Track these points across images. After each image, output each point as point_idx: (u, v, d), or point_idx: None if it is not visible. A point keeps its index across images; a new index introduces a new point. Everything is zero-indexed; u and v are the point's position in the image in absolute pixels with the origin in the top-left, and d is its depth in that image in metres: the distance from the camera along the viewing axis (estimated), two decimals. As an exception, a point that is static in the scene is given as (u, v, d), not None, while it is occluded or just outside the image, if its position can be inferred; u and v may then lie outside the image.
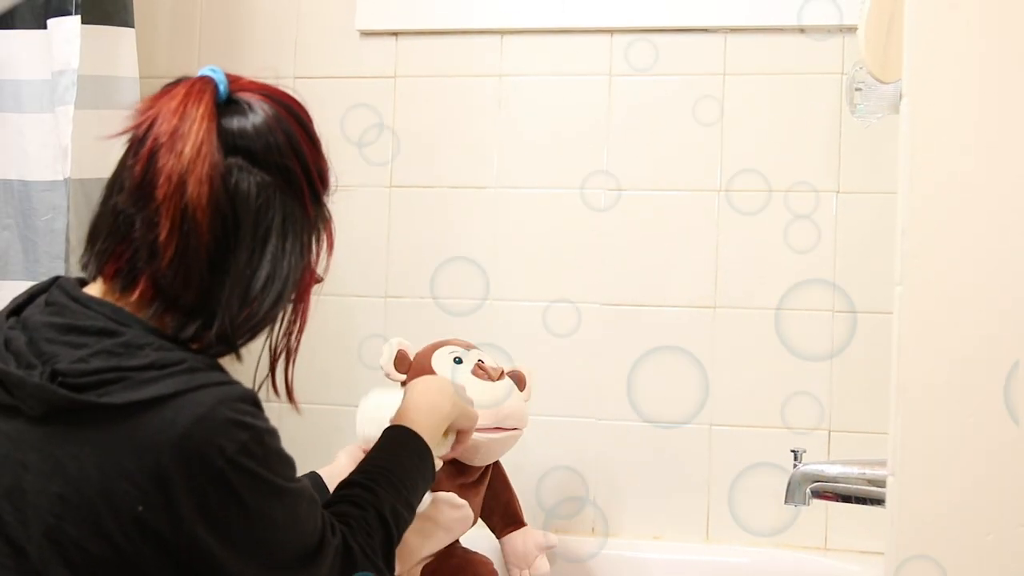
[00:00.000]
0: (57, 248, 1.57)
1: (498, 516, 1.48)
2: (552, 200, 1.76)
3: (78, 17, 1.55)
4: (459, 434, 1.21)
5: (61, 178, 1.56)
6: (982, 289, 0.93)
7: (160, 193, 0.84)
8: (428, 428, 1.12)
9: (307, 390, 1.76)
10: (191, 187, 0.84)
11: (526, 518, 1.53)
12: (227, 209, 0.86)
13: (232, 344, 0.89)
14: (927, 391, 0.92)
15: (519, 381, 1.45)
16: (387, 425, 1.23)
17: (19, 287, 0.95)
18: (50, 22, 1.57)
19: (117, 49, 1.60)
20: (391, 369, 1.41)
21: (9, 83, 1.61)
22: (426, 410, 1.14)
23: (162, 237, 0.84)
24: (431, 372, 1.39)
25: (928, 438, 0.92)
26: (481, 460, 1.39)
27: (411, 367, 1.42)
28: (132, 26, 1.62)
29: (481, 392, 1.35)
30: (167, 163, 0.84)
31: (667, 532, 1.72)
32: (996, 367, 0.92)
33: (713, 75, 1.72)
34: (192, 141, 0.84)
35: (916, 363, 0.93)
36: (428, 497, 1.28)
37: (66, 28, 1.55)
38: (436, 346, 1.44)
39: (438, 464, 1.14)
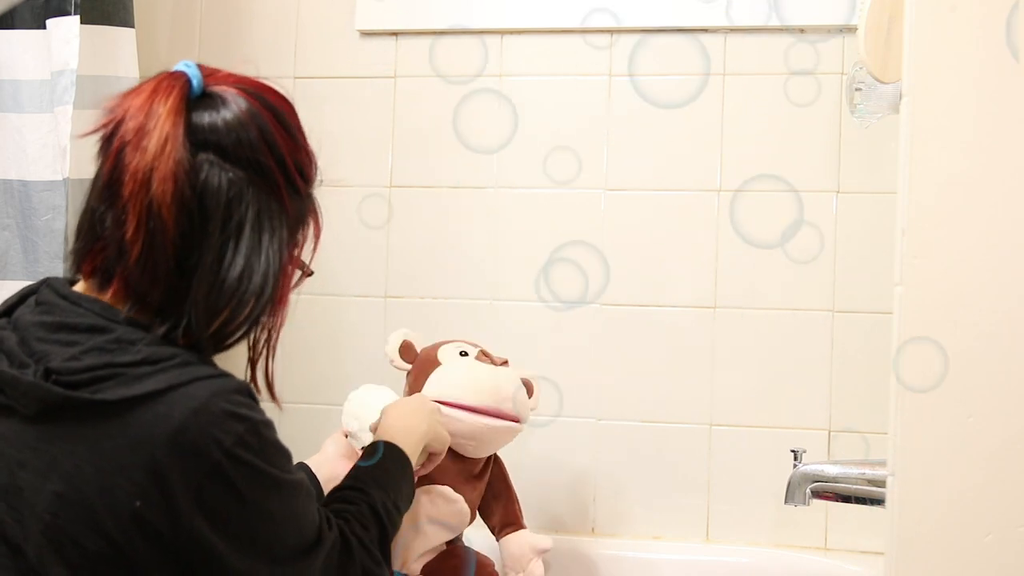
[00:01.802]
0: (56, 248, 1.57)
1: (497, 517, 1.48)
2: (552, 200, 1.76)
3: (77, 17, 1.55)
4: (430, 455, 1.23)
5: (60, 178, 1.57)
6: (982, 289, 0.93)
7: (126, 191, 0.84)
8: (406, 447, 1.14)
9: (307, 390, 1.79)
10: (156, 184, 0.83)
11: (527, 518, 1.53)
12: (193, 206, 0.85)
13: (200, 344, 0.87)
14: (927, 391, 0.92)
15: (527, 388, 1.45)
16: (365, 424, 1.27)
17: (19, 287, 0.95)
18: (49, 22, 1.57)
19: (117, 49, 1.60)
20: (396, 358, 1.43)
21: (8, 83, 1.61)
22: (402, 434, 1.16)
23: (128, 235, 0.84)
24: (436, 363, 1.40)
25: (928, 438, 0.92)
26: (476, 451, 1.39)
27: (417, 358, 1.43)
28: (132, 26, 1.62)
29: (483, 373, 1.38)
30: (132, 160, 0.84)
31: (667, 532, 1.72)
32: (996, 367, 0.92)
33: (713, 75, 1.72)
34: (157, 138, 0.84)
35: (916, 363, 0.93)
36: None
37: (65, 28, 1.55)
38: (444, 342, 1.45)
39: None
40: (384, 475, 1.07)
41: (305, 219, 0.95)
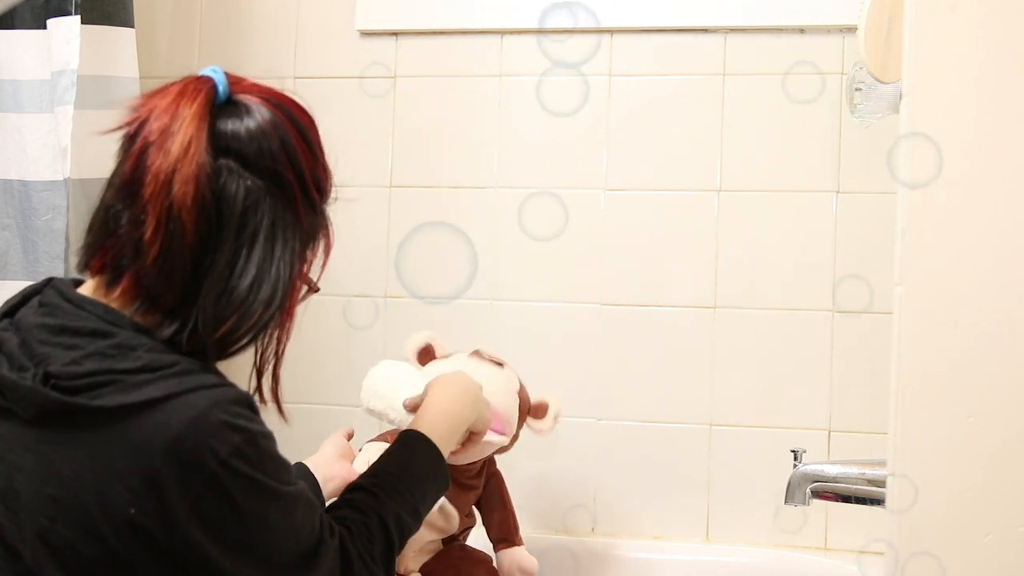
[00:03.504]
0: (57, 248, 1.57)
1: (493, 531, 1.48)
2: (552, 201, 1.76)
3: (78, 17, 1.55)
4: (471, 435, 1.21)
5: (61, 178, 1.56)
6: (982, 289, 0.93)
7: (147, 191, 0.84)
8: (445, 434, 1.12)
9: (306, 390, 1.78)
10: (177, 186, 0.83)
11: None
12: (212, 211, 0.85)
13: (205, 349, 0.87)
14: (927, 391, 0.92)
15: (538, 409, 1.42)
16: (393, 403, 1.24)
17: (19, 287, 0.94)
18: (50, 22, 1.57)
19: (117, 49, 1.60)
20: (412, 358, 1.42)
21: (9, 83, 1.61)
22: (446, 415, 1.14)
23: (147, 235, 0.83)
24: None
25: (928, 438, 0.92)
26: (452, 457, 1.34)
27: (431, 361, 1.41)
28: (132, 26, 1.62)
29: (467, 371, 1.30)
30: (155, 161, 0.84)
31: (667, 532, 1.72)
32: (996, 367, 0.92)
33: (713, 75, 1.72)
34: (180, 140, 0.84)
35: (916, 363, 0.93)
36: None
37: (66, 28, 1.55)
38: (469, 353, 1.42)
39: None
40: (408, 476, 1.05)
41: (317, 234, 0.95)
